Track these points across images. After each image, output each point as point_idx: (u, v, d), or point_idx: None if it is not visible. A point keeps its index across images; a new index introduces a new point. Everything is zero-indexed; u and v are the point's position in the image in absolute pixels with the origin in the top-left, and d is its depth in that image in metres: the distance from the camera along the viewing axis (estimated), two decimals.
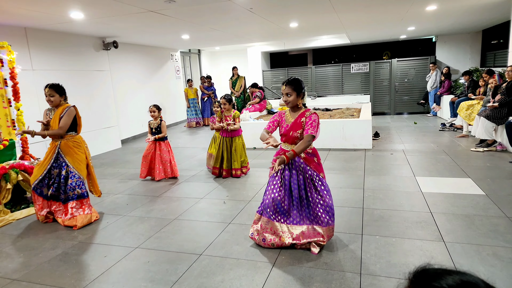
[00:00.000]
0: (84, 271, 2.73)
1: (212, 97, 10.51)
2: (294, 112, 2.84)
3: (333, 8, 5.88)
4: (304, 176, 2.77)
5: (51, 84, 3.61)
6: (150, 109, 4.99)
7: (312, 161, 2.80)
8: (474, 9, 6.89)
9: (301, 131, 2.73)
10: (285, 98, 2.78)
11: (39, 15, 4.97)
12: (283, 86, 2.77)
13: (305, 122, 2.73)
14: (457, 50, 11.27)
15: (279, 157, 2.69)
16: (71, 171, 3.63)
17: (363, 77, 11.24)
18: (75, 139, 3.71)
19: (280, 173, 2.80)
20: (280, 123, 2.89)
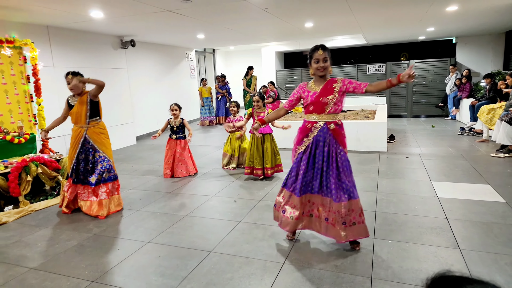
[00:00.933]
0: (98, 263, 2.80)
1: (226, 96, 10.57)
2: (320, 81, 2.71)
3: (350, 8, 5.81)
4: (330, 149, 2.67)
5: (72, 71, 3.72)
6: (172, 108, 5.04)
7: (340, 134, 2.71)
8: (497, 10, 6.67)
9: (331, 97, 2.63)
10: (322, 64, 2.62)
11: (60, 14, 5.12)
12: (319, 51, 2.61)
13: (340, 87, 2.63)
14: (479, 52, 10.95)
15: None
16: (100, 156, 3.77)
17: (379, 79, 11.07)
18: (100, 125, 3.85)
19: (307, 147, 2.72)
20: (302, 94, 2.76)
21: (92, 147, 3.77)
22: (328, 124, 2.68)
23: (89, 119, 3.75)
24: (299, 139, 2.81)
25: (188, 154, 5.14)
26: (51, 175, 4.39)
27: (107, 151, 3.83)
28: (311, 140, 2.71)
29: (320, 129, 2.69)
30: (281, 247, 2.91)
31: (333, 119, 2.69)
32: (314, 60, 2.66)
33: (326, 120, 2.68)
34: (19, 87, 5.06)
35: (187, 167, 5.10)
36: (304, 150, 2.76)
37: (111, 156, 3.87)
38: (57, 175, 4.45)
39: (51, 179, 4.43)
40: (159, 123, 9.56)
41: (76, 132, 3.78)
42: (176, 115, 5.05)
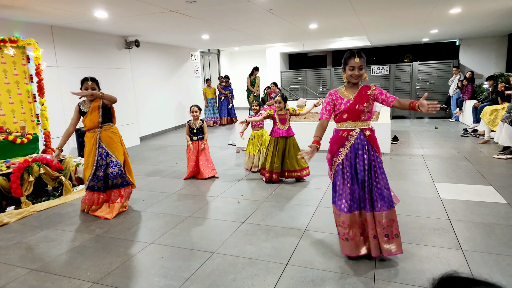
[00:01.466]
0: (100, 264, 2.79)
1: (229, 97, 10.57)
2: (352, 88, 2.61)
3: (354, 10, 5.80)
4: (369, 158, 2.55)
5: (92, 77, 3.73)
6: (192, 109, 4.97)
7: (375, 140, 2.61)
8: (500, 13, 6.65)
9: (367, 104, 2.54)
10: (357, 72, 2.52)
11: (65, 14, 5.13)
12: (355, 59, 2.50)
13: (373, 94, 2.55)
14: (482, 54, 10.91)
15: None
16: (112, 160, 3.76)
17: (383, 80, 11.05)
18: (113, 129, 3.84)
19: (346, 157, 2.58)
20: (335, 101, 2.63)
21: (106, 152, 3.75)
22: (364, 131, 2.58)
23: (102, 123, 3.75)
24: (334, 150, 2.64)
25: (210, 157, 5.08)
26: (54, 176, 4.40)
27: (119, 156, 3.80)
28: (349, 149, 2.58)
29: (357, 137, 2.57)
30: (284, 248, 2.89)
31: (368, 126, 2.60)
32: (349, 67, 2.55)
33: (362, 127, 2.58)
34: (22, 87, 5.08)
35: (211, 166, 5.04)
36: (342, 161, 2.60)
37: (122, 161, 3.83)
38: (60, 175, 4.46)
39: (54, 179, 4.43)
40: (163, 123, 9.58)
41: (91, 139, 3.76)
42: (196, 116, 4.97)
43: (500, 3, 5.84)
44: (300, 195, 4.17)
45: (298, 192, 4.29)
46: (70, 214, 3.92)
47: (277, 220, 3.48)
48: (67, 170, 4.62)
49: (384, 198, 2.52)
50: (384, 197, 2.52)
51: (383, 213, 2.51)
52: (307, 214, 3.58)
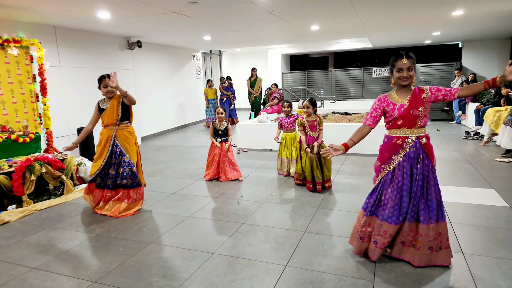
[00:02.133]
0: (100, 263, 2.80)
1: (231, 97, 10.58)
2: (404, 92, 2.45)
3: (356, 12, 5.80)
4: (424, 169, 2.43)
5: (108, 74, 3.71)
6: (217, 111, 4.84)
7: (431, 148, 2.46)
8: (502, 15, 6.63)
9: (422, 109, 2.38)
10: (405, 74, 2.38)
11: (68, 14, 5.16)
12: (403, 60, 2.36)
13: (429, 97, 2.39)
14: (484, 56, 10.88)
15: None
16: (124, 160, 3.73)
17: (384, 82, 11.04)
18: (130, 129, 3.85)
19: (399, 166, 2.46)
20: (386, 107, 2.47)
21: (120, 151, 3.74)
22: (420, 138, 2.43)
23: (119, 121, 3.75)
24: (385, 157, 2.52)
25: (233, 159, 4.96)
26: (55, 175, 4.42)
27: (133, 156, 3.78)
28: (403, 158, 2.45)
29: (412, 145, 2.42)
30: (284, 249, 2.89)
31: (424, 133, 2.45)
32: (397, 69, 2.41)
33: (418, 134, 2.43)
34: (25, 87, 5.11)
35: (234, 172, 4.91)
36: (394, 170, 2.48)
37: (135, 161, 3.80)
38: (61, 174, 4.48)
39: (55, 178, 4.45)
40: (164, 124, 9.61)
41: (106, 135, 3.75)
42: (222, 118, 4.88)
43: (503, 6, 5.83)
44: (300, 197, 4.17)
45: (298, 194, 4.28)
46: (71, 213, 3.93)
47: (277, 221, 3.48)
48: (68, 170, 4.64)
49: (433, 210, 2.41)
50: (434, 209, 2.41)
51: (430, 226, 2.41)
52: (307, 216, 3.58)
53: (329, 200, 4.01)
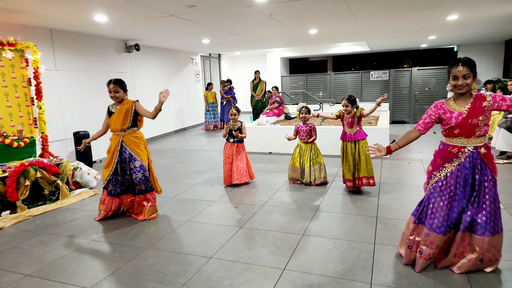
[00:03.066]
0: (95, 269, 2.75)
1: (231, 101, 10.55)
2: (462, 100, 2.33)
3: (353, 16, 5.81)
4: (481, 179, 2.31)
5: (115, 79, 3.66)
6: (231, 112, 4.73)
7: (491, 158, 2.34)
8: (496, 20, 6.67)
9: (482, 118, 2.25)
10: (460, 82, 2.26)
11: (64, 17, 5.14)
12: (458, 67, 2.25)
13: (490, 105, 2.26)
14: (479, 60, 10.92)
15: None
16: (135, 166, 3.65)
17: (382, 85, 11.06)
18: (137, 134, 3.76)
19: (450, 176, 2.37)
20: (442, 115, 2.36)
21: (130, 156, 3.66)
22: (478, 148, 2.30)
23: (127, 128, 3.69)
24: (437, 164, 2.43)
25: (245, 159, 4.79)
26: (50, 180, 4.37)
27: (144, 159, 3.71)
28: (456, 167, 2.35)
29: (469, 155, 2.31)
30: (282, 253, 2.85)
31: (483, 142, 2.32)
32: (452, 76, 2.31)
33: (476, 144, 2.30)
34: (20, 90, 5.06)
35: (243, 173, 4.73)
36: (445, 177, 2.38)
37: (147, 165, 3.75)
38: (57, 179, 4.43)
39: (50, 183, 4.40)
40: (162, 127, 9.57)
41: (115, 142, 3.69)
42: (235, 119, 4.75)
43: (496, 11, 5.87)
44: (299, 200, 4.14)
45: (297, 197, 4.25)
46: (67, 218, 3.88)
47: (275, 224, 3.44)
48: (64, 174, 4.59)
49: (490, 223, 2.30)
50: (491, 221, 2.30)
51: (486, 238, 2.30)
52: (305, 219, 3.55)
53: (328, 203, 3.98)
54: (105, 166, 3.75)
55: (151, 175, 3.83)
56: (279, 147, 6.85)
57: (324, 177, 4.66)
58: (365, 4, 5.09)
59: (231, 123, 4.81)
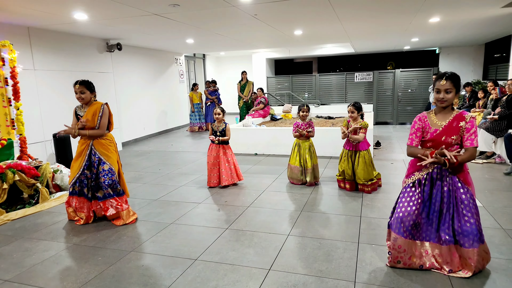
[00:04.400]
0: (77, 273, 2.68)
1: (216, 102, 10.51)
2: (443, 114, 2.36)
3: (338, 17, 5.89)
4: (450, 188, 2.36)
5: (81, 80, 3.53)
6: (215, 112, 4.68)
7: (462, 171, 2.38)
8: (476, 23, 6.89)
9: (456, 137, 2.29)
10: (442, 95, 2.28)
11: (42, 15, 5.00)
12: (442, 81, 2.27)
13: (465, 127, 2.27)
14: (460, 62, 11.28)
15: (436, 158, 2.22)
16: (104, 169, 3.53)
17: (366, 86, 11.24)
18: (107, 137, 3.64)
19: (419, 183, 2.43)
20: (424, 129, 2.41)
21: (99, 159, 3.54)
22: (448, 161, 2.29)
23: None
24: (409, 171, 2.51)
25: (232, 160, 4.76)
26: (29, 183, 4.24)
27: (113, 163, 3.59)
28: (424, 176, 2.42)
29: (437, 166, 2.37)
30: (267, 253, 2.86)
31: None
32: (436, 89, 2.32)
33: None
34: None
35: (232, 174, 4.73)
36: (413, 184, 2.45)
37: (117, 170, 3.63)
38: (36, 182, 4.30)
39: (29, 187, 4.27)
40: (146, 129, 9.44)
41: (83, 145, 3.57)
42: (220, 119, 4.69)
43: (476, 14, 6.06)
44: (284, 201, 4.15)
45: (282, 198, 4.27)
46: (47, 222, 3.77)
47: (260, 225, 3.45)
48: (43, 177, 4.46)
49: (472, 233, 2.31)
50: (474, 233, 2.31)
51: (475, 250, 2.32)
52: (291, 219, 3.57)
53: (313, 204, 4.02)
54: (71, 169, 3.63)
55: (121, 179, 3.71)
56: (265, 148, 6.87)
57: (318, 177, 4.77)
58: (349, 6, 5.17)
59: (215, 124, 4.78)
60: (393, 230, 2.50)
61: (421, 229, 2.47)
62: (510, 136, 5.09)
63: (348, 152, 4.32)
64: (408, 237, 2.43)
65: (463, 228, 2.34)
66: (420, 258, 2.50)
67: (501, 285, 2.33)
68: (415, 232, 2.44)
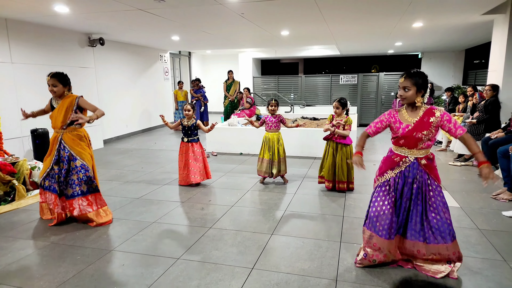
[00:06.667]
0: (54, 273, 2.61)
1: (201, 100, 10.42)
2: (412, 111, 2.42)
3: (324, 18, 5.95)
4: (420, 186, 2.42)
5: (54, 73, 3.37)
6: (185, 108, 4.63)
7: (433, 168, 2.44)
8: (458, 29, 7.11)
9: (426, 132, 2.34)
10: (401, 93, 2.38)
11: (21, 7, 4.83)
12: (401, 79, 2.38)
13: (437, 122, 2.33)
14: (441, 67, 11.61)
15: (484, 167, 2.23)
16: (76, 165, 3.37)
17: (351, 89, 11.41)
18: (78, 131, 3.46)
19: (391, 182, 2.47)
20: (392, 123, 2.48)
21: (70, 155, 3.37)
22: (419, 159, 2.41)
23: (67, 125, 3.40)
24: (381, 169, 2.56)
25: (201, 158, 4.69)
26: (5, 180, 4.09)
27: (85, 159, 3.43)
28: (396, 175, 2.47)
29: (410, 165, 2.43)
30: (251, 252, 2.86)
31: (425, 154, 2.42)
32: (398, 86, 2.43)
33: (417, 155, 2.41)
34: None
35: (201, 172, 4.68)
36: (385, 183, 2.51)
37: (91, 165, 3.48)
38: (12, 179, 4.16)
39: (5, 183, 4.12)
40: (129, 126, 9.27)
41: (53, 138, 3.42)
42: (189, 115, 4.64)
43: (458, 20, 6.25)
44: (268, 200, 4.16)
45: (267, 197, 4.28)
46: (23, 220, 3.65)
47: (244, 225, 3.44)
48: (20, 174, 4.32)
49: (444, 229, 2.38)
50: (445, 228, 2.38)
51: (446, 245, 2.39)
52: (274, 219, 3.58)
53: (296, 203, 4.04)
54: (45, 159, 3.48)
55: (95, 175, 3.56)
56: (250, 148, 6.86)
57: (285, 169, 4.78)
58: (335, 8, 5.23)
59: (185, 119, 4.70)
60: (368, 228, 2.55)
61: (395, 227, 2.51)
62: (487, 140, 5.27)
63: (330, 144, 4.33)
64: (384, 236, 2.48)
65: (431, 224, 2.40)
66: (394, 255, 2.55)
67: (476, 284, 2.40)
68: (389, 230, 2.49)
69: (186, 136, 4.70)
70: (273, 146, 4.67)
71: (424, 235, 2.43)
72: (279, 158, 4.68)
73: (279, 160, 4.68)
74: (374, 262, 2.56)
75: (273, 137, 4.68)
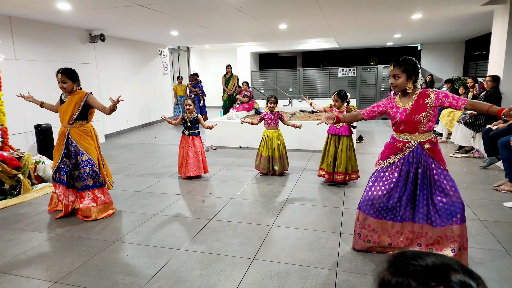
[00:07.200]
0: (61, 263, 2.69)
1: (199, 94, 10.45)
2: (407, 97, 2.46)
3: (322, 12, 5.96)
4: (424, 170, 2.43)
5: (63, 69, 3.45)
6: (186, 103, 4.72)
7: (437, 152, 2.45)
8: (457, 20, 7.10)
9: (424, 114, 2.36)
10: (392, 81, 2.44)
11: (25, 4, 4.86)
12: (390, 67, 2.44)
13: (433, 102, 2.35)
14: (441, 59, 11.60)
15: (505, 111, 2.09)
16: (83, 160, 3.47)
17: (350, 81, 11.42)
18: (85, 127, 3.56)
19: (393, 167, 2.50)
20: (389, 109, 2.51)
21: (76, 149, 3.48)
22: (422, 144, 2.42)
23: (74, 120, 3.49)
24: (384, 154, 2.58)
25: (200, 152, 4.78)
26: (11, 174, 4.17)
27: (92, 154, 3.53)
28: (399, 160, 2.49)
29: (413, 150, 2.45)
30: (251, 243, 2.93)
31: (427, 138, 2.43)
32: (389, 74, 2.48)
33: (420, 140, 2.42)
34: None
35: (199, 166, 4.76)
36: (388, 168, 2.53)
37: (96, 160, 3.57)
38: (18, 173, 4.23)
39: (11, 177, 4.20)
40: (129, 121, 9.32)
41: (61, 134, 3.51)
42: (190, 110, 4.74)
43: (458, 11, 6.25)
44: (268, 193, 4.24)
45: (266, 190, 4.35)
46: (29, 213, 3.73)
47: (245, 216, 3.52)
48: (25, 168, 4.39)
49: (450, 213, 2.39)
50: (451, 212, 2.39)
51: (453, 227, 2.39)
52: (274, 210, 3.65)
53: (296, 195, 4.11)
54: (54, 158, 3.59)
55: (101, 170, 3.66)
56: (249, 141, 6.92)
57: (287, 166, 4.85)
58: (334, 1, 5.25)
59: (186, 114, 4.79)
60: (362, 211, 2.61)
61: (394, 211, 2.54)
62: (487, 131, 5.31)
63: (331, 137, 4.36)
64: (378, 217, 2.53)
65: (437, 208, 2.43)
66: (390, 237, 2.60)
67: None
68: (385, 213, 2.54)
69: (187, 129, 4.79)
70: (272, 144, 4.73)
71: (430, 218, 2.46)
72: (280, 155, 4.74)
73: (280, 156, 4.74)
74: (369, 242, 2.63)
75: (273, 135, 4.74)
